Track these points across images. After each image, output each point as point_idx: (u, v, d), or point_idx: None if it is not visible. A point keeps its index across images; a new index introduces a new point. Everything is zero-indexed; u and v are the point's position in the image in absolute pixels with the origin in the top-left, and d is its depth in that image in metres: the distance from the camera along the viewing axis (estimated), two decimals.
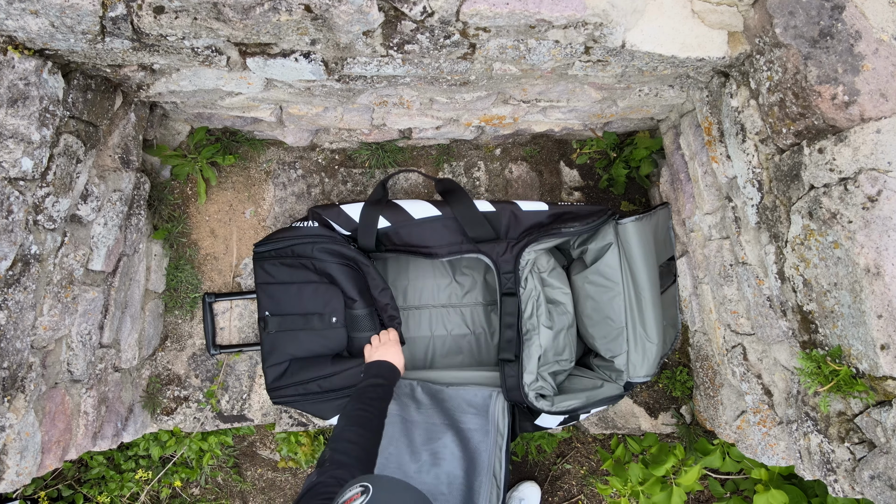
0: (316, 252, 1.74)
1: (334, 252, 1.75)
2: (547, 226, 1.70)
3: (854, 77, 1.14)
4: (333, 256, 1.75)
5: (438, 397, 1.77)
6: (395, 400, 1.77)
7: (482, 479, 1.69)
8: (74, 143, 1.42)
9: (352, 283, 1.76)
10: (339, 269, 1.75)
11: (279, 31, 1.23)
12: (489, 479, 1.69)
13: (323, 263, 1.75)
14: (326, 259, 1.74)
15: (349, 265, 1.77)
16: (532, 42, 1.31)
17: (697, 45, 1.33)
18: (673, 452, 1.81)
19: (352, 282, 1.76)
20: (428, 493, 1.73)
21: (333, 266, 1.75)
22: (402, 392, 1.79)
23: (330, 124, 1.90)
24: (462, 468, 1.71)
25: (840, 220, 1.16)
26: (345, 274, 1.76)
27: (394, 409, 1.76)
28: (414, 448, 1.73)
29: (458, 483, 1.70)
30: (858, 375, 1.20)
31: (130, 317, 1.86)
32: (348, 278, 1.76)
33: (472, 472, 1.71)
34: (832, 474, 1.33)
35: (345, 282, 1.76)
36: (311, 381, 1.76)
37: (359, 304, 1.76)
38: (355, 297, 1.76)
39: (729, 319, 1.73)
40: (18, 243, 1.27)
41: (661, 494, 1.76)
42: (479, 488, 1.69)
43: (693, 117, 1.75)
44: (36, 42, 1.23)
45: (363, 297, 1.76)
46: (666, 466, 1.77)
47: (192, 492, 2.51)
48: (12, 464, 1.38)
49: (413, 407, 1.77)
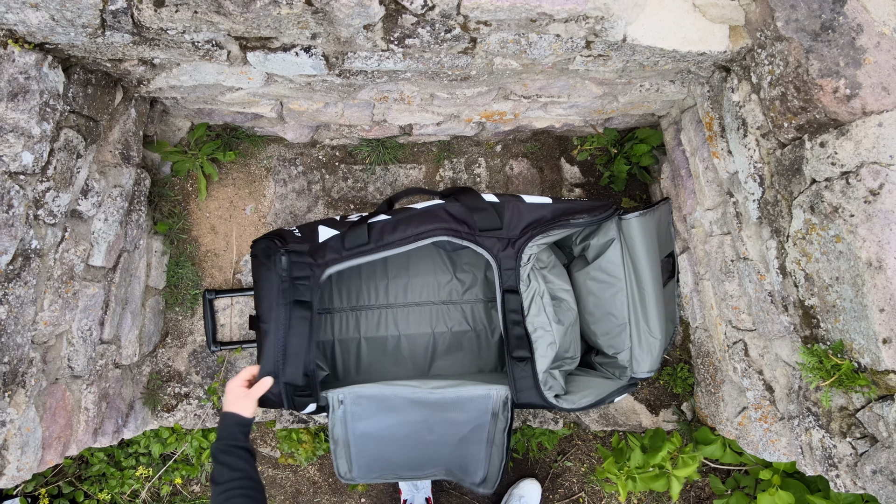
0: (257, 249, 1.66)
1: (266, 252, 1.63)
2: (550, 220, 1.68)
3: (856, 70, 1.13)
4: (265, 257, 1.64)
5: (421, 401, 1.69)
6: (367, 418, 1.69)
7: (482, 446, 1.69)
8: (75, 138, 1.42)
9: (266, 290, 1.63)
10: (262, 271, 1.64)
11: (280, 24, 1.22)
12: (489, 447, 1.68)
13: (259, 264, 1.65)
14: (261, 259, 1.64)
15: (273, 270, 1.63)
16: (533, 36, 1.31)
17: (699, 40, 1.33)
18: (669, 440, 1.80)
19: (267, 288, 1.63)
20: (419, 461, 1.73)
21: (261, 267, 1.64)
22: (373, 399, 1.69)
23: (330, 120, 1.90)
24: (454, 446, 1.70)
25: (842, 213, 1.15)
26: (264, 278, 1.63)
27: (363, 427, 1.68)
28: (398, 445, 1.72)
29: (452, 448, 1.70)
30: (860, 370, 1.20)
31: (131, 313, 1.86)
32: (265, 283, 1.63)
33: (471, 441, 1.70)
34: (834, 469, 1.33)
35: (261, 286, 1.63)
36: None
37: (265, 317, 1.63)
38: (260, 305, 1.64)
39: (730, 315, 1.73)
40: (19, 238, 1.27)
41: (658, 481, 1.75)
42: (479, 452, 1.69)
43: (694, 113, 1.75)
44: (36, 36, 1.22)
45: (270, 309, 1.63)
46: (662, 453, 1.76)
47: (192, 489, 2.51)
48: (13, 459, 1.38)
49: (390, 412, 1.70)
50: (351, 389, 1.64)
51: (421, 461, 1.76)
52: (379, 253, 1.64)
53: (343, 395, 1.64)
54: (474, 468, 1.76)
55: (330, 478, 2.53)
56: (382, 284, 2.04)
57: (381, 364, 2.04)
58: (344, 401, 1.64)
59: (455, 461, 1.77)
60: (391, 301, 2.05)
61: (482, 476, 1.76)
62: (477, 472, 1.76)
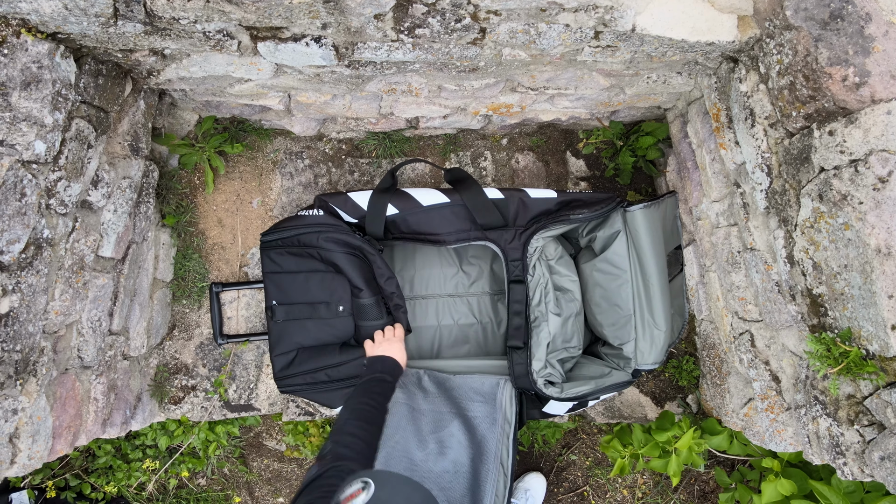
0: (321, 241, 1.74)
1: (339, 241, 1.74)
2: (555, 213, 1.70)
3: (865, 59, 1.14)
4: (339, 245, 1.74)
5: (445, 385, 1.78)
6: (401, 388, 1.77)
7: (489, 466, 1.69)
8: (86, 128, 1.42)
9: (357, 272, 1.75)
10: (345, 258, 1.75)
11: (291, 14, 1.23)
12: (496, 466, 1.69)
13: (328, 253, 1.75)
14: (332, 248, 1.74)
15: (355, 254, 1.76)
16: (542, 26, 1.32)
17: (707, 30, 1.33)
18: (678, 424, 1.82)
19: (357, 270, 1.76)
20: (434, 481, 1.73)
21: (339, 255, 1.74)
22: (409, 381, 1.79)
23: (338, 113, 1.91)
24: (469, 456, 1.71)
25: (851, 201, 1.16)
26: (350, 263, 1.75)
27: (400, 397, 1.76)
28: (421, 436, 1.73)
29: (465, 470, 1.70)
30: (868, 357, 1.21)
31: (139, 305, 1.86)
32: (354, 267, 1.76)
33: (479, 459, 1.71)
34: (841, 457, 1.34)
35: (350, 270, 1.75)
36: (318, 370, 1.77)
37: (365, 293, 1.76)
38: (361, 286, 1.75)
39: (736, 306, 1.73)
40: (31, 227, 1.28)
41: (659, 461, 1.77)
42: (485, 476, 1.69)
43: (701, 105, 1.76)
44: (49, 25, 1.23)
45: (369, 285, 1.76)
46: (668, 434, 1.78)
47: (198, 482, 2.52)
48: (24, 447, 1.39)
49: (420, 395, 1.77)
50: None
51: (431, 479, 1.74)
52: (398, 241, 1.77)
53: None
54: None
55: None
56: None
57: None
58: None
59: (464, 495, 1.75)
60: None
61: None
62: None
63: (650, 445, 1.83)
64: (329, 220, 1.76)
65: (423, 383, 1.79)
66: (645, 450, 1.84)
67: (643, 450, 1.83)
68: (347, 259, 1.75)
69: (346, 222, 1.79)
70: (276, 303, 1.80)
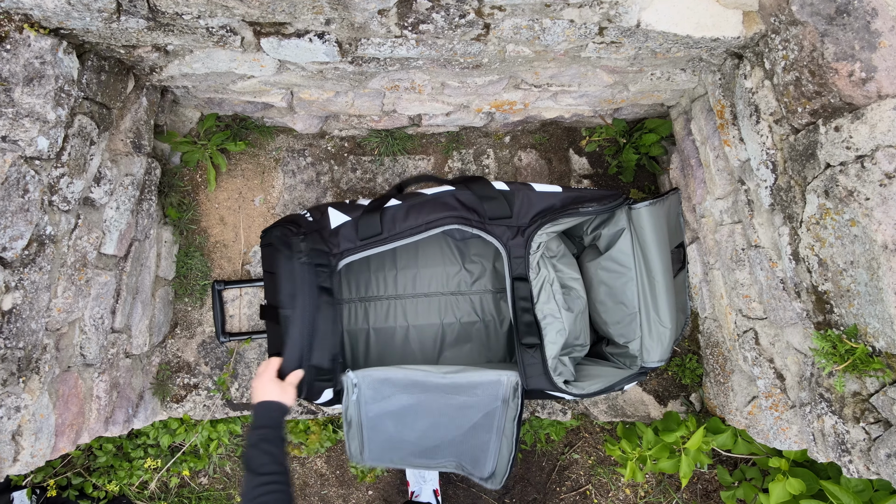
0: (273, 238, 1.64)
1: (284, 241, 1.61)
2: (560, 209, 1.68)
3: (871, 54, 1.13)
4: (283, 245, 1.61)
5: (432, 383, 1.69)
6: (380, 400, 1.68)
7: (492, 435, 1.69)
8: (88, 125, 1.42)
9: (286, 278, 1.60)
10: (281, 259, 1.61)
11: (295, 9, 1.23)
12: (498, 436, 1.69)
13: (276, 251, 1.63)
14: (278, 247, 1.62)
15: (291, 258, 1.61)
16: (547, 22, 1.31)
17: (712, 25, 1.33)
18: (685, 423, 1.81)
19: (286, 276, 1.60)
20: (430, 447, 1.73)
21: (279, 255, 1.62)
22: (385, 382, 1.68)
23: (340, 110, 1.90)
24: (466, 431, 1.71)
25: (857, 197, 1.15)
26: (283, 266, 1.60)
27: (391, 405, 1.69)
28: (411, 426, 1.73)
29: (465, 443, 1.71)
30: (875, 354, 1.20)
31: (141, 303, 1.86)
32: (284, 271, 1.60)
33: (481, 435, 1.70)
34: (847, 455, 1.33)
35: (279, 273, 1.61)
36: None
37: (284, 303, 1.60)
38: (279, 293, 1.60)
39: (741, 304, 1.73)
40: (34, 223, 1.27)
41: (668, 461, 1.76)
42: (490, 443, 1.69)
43: (705, 101, 1.75)
44: (52, 21, 1.23)
45: (290, 296, 1.60)
46: (676, 434, 1.77)
47: (200, 481, 2.52)
48: (27, 445, 1.38)
49: (401, 394, 1.71)
50: (365, 373, 1.64)
51: (432, 448, 1.76)
52: (391, 243, 1.64)
53: (357, 378, 1.64)
54: (483, 460, 1.76)
55: (337, 470, 2.54)
56: (391, 275, 2.05)
57: (389, 355, 2.04)
58: (358, 384, 1.65)
59: (465, 452, 1.77)
60: (400, 292, 2.05)
61: (491, 470, 1.76)
62: (486, 465, 1.77)
63: (659, 447, 1.82)
64: (298, 220, 1.67)
65: (399, 383, 1.69)
66: (654, 451, 1.83)
67: (652, 451, 1.83)
68: (281, 260, 1.62)
69: (335, 227, 1.66)
70: (267, 302, 1.79)
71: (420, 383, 1.67)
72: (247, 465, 1.30)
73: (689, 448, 1.77)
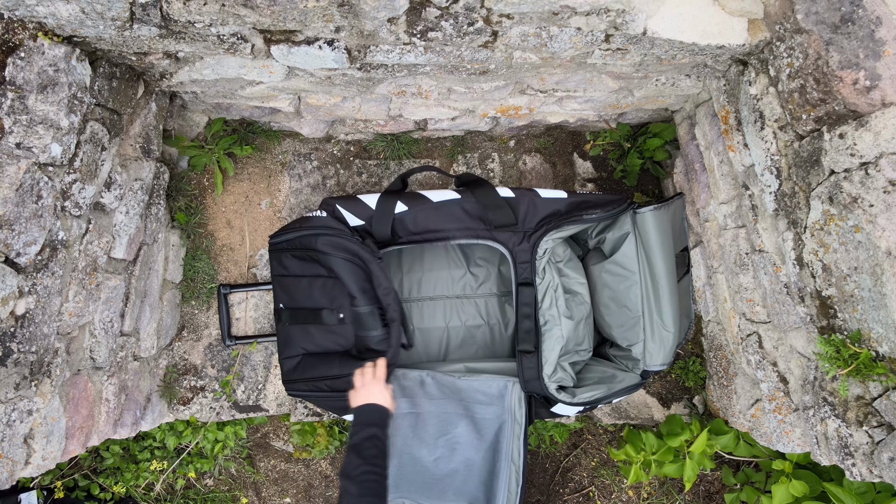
0: (319, 244, 1.69)
1: (337, 245, 1.68)
2: (565, 214, 1.70)
3: (875, 62, 1.15)
4: (336, 249, 1.68)
5: (452, 387, 1.76)
6: (404, 396, 1.74)
7: (501, 465, 1.71)
8: (100, 131, 1.43)
9: (352, 279, 1.69)
10: (342, 262, 1.69)
11: (305, 17, 1.24)
12: (507, 464, 1.70)
13: (325, 257, 1.69)
14: (329, 251, 1.68)
15: (352, 260, 1.70)
16: (554, 29, 1.33)
17: (718, 33, 1.34)
18: (688, 427, 1.82)
19: (352, 277, 1.69)
20: (447, 482, 1.74)
21: (335, 259, 1.69)
22: (413, 383, 1.77)
23: (347, 115, 1.92)
24: (480, 455, 1.72)
25: (861, 204, 1.17)
26: (346, 268, 1.69)
27: (403, 406, 1.74)
28: (428, 440, 1.74)
29: (477, 468, 1.72)
30: (878, 358, 1.21)
31: (149, 306, 1.87)
32: (349, 273, 1.69)
33: (491, 458, 1.72)
34: (850, 458, 1.35)
35: (346, 276, 1.69)
36: (319, 380, 1.74)
37: (360, 301, 1.70)
38: (356, 293, 1.69)
39: (744, 308, 1.74)
40: (47, 229, 1.29)
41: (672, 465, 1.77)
42: (498, 474, 1.70)
43: (709, 107, 1.77)
44: (65, 29, 1.24)
45: (365, 294, 1.70)
46: (680, 438, 1.78)
47: (206, 482, 2.53)
48: (38, 448, 1.40)
49: (425, 399, 1.75)
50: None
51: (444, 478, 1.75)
52: (403, 245, 1.72)
53: None
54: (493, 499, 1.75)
55: None
56: (397, 279, 2.06)
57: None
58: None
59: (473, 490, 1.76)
60: (405, 295, 2.06)
61: None
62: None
63: (663, 451, 1.83)
64: (329, 223, 1.71)
65: (426, 386, 1.77)
66: (658, 455, 1.84)
67: (656, 455, 1.84)
68: (344, 264, 1.69)
69: (352, 227, 1.74)
70: (282, 306, 1.80)
71: (438, 381, 1.74)
72: (357, 451, 1.40)
73: (693, 452, 1.78)
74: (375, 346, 1.69)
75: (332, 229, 1.68)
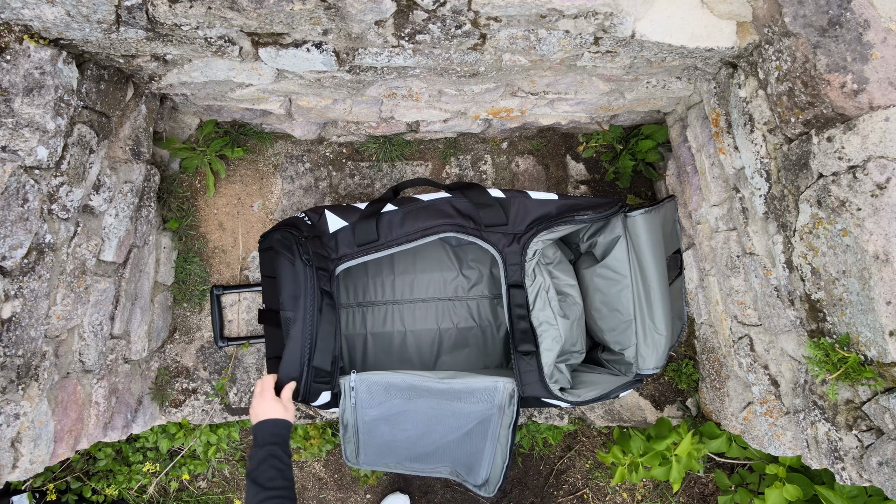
0: (274, 243, 1.63)
1: (285, 244, 1.61)
2: (556, 216, 1.69)
3: (863, 66, 1.14)
4: (283, 248, 1.61)
5: (434, 389, 1.70)
6: (385, 401, 1.69)
7: (487, 443, 1.71)
8: (88, 134, 1.43)
9: (288, 281, 1.59)
10: (284, 263, 1.60)
11: (292, 20, 1.24)
12: (493, 443, 1.70)
13: (277, 255, 1.62)
14: (279, 251, 1.62)
15: (292, 262, 1.60)
16: (542, 32, 1.33)
17: (706, 36, 1.34)
18: (676, 430, 1.82)
19: (289, 280, 1.60)
20: (430, 452, 1.75)
21: (281, 259, 1.61)
22: (391, 386, 1.69)
23: (338, 117, 1.91)
24: (466, 439, 1.72)
25: (849, 207, 1.17)
26: (285, 271, 1.60)
27: (378, 413, 1.70)
28: (410, 432, 1.74)
29: (462, 447, 1.73)
30: (867, 363, 1.21)
31: (140, 308, 1.87)
32: (287, 276, 1.60)
33: (477, 439, 1.72)
34: (840, 462, 1.34)
35: (282, 278, 1.60)
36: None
37: (286, 305, 1.60)
38: (284, 297, 1.60)
39: (736, 311, 1.74)
40: (33, 232, 1.28)
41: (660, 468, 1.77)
42: (484, 448, 1.71)
43: (700, 109, 1.76)
44: (51, 31, 1.24)
45: (293, 300, 1.60)
46: (667, 441, 1.78)
47: (199, 485, 2.52)
48: (26, 451, 1.39)
49: (401, 398, 1.70)
50: (363, 376, 1.66)
51: (427, 453, 1.77)
52: (388, 249, 1.66)
53: (354, 381, 1.66)
54: (477, 468, 1.77)
55: (335, 474, 2.55)
56: (389, 280, 2.06)
57: (386, 360, 2.05)
58: (356, 387, 1.66)
59: (460, 459, 1.78)
60: (397, 297, 2.06)
61: (484, 477, 1.78)
62: (480, 473, 1.78)
63: (651, 455, 1.83)
64: (296, 223, 1.66)
65: (405, 389, 1.70)
66: (645, 458, 1.84)
67: (643, 458, 1.84)
68: (284, 265, 1.61)
69: (332, 231, 1.68)
70: (265, 306, 1.80)
71: (417, 388, 1.68)
72: (254, 479, 1.32)
73: (679, 455, 1.78)
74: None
75: (292, 228, 1.63)
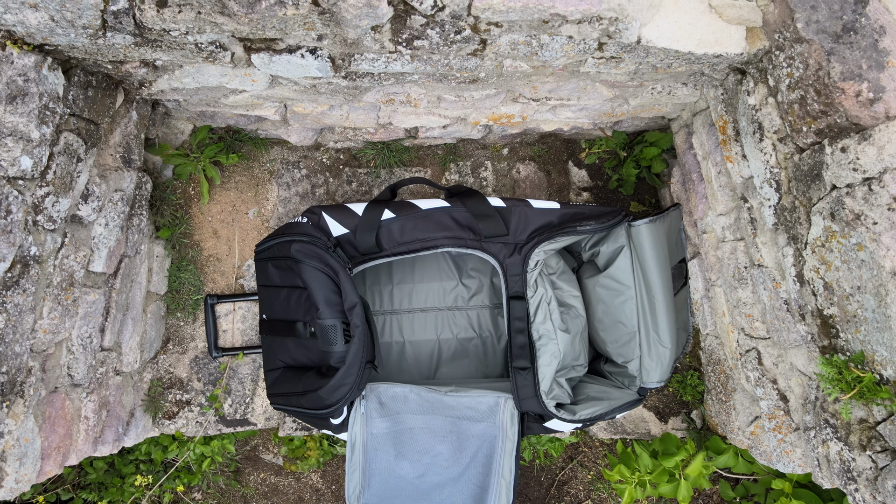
0: (293, 251, 1.58)
1: (309, 253, 1.58)
2: (558, 226, 1.65)
3: (879, 73, 1.10)
4: (308, 258, 1.58)
5: (438, 404, 1.68)
6: (386, 415, 1.65)
7: (491, 479, 1.66)
8: (75, 142, 1.39)
9: (320, 289, 1.57)
10: (312, 272, 1.58)
11: (285, 25, 1.19)
12: (497, 480, 1.66)
13: (298, 265, 1.59)
14: (302, 260, 1.58)
15: (322, 270, 1.58)
16: (545, 38, 1.28)
17: (715, 41, 1.29)
18: (684, 447, 1.77)
19: (320, 287, 1.57)
20: (432, 491, 1.70)
21: (307, 268, 1.58)
22: (396, 399, 1.67)
23: (335, 123, 1.87)
24: (468, 471, 1.68)
25: (864, 221, 1.12)
26: (316, 278, 1.57)
27: (384, 426, 1.66)
28: (412, 458, 1.69)
29: (465, 484, 1.68)
30: (882, 382, 1.16)
31: (132, 319, 1.82)
32: (318, 283, 1.57)
33: (480, 473, 1.67)
34: (853, 483, 1.30)
35: (314, 286, 1.57)
36: (292, 395, 1.65)
37: (324, 314, 1.57)
38: (320, 305, 1.57)
39: (743, 323, 1.69)
40: (17, 244, 1.24)
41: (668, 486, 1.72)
42: (488, 487, 1.66)
43: (706, 116, 1.72)
44: (35, 37, 1.19)
45: (331, 307, 1.58)
46: (676, 459, 1.73)
47: (194, 496, 2.48)
48: (11, 471, 1.35)
49: (408, 413, 1.67)
50: (371, 386, 1.63)
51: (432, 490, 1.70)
52: (388, 258, 1.64)
53: (365, 390, 1.62)
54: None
55: (333, 485, 2.50)
56: (387, 290, 2.01)
57: (385, 370, 2.00)
58: (366, 395, 1.63)
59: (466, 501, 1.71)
60: (396, 307, 2.02)
61: None
62: None
63: (658, 472, 1.78)
64: (308, 230, 1.63)
65: (410, 402, 1.69)
66: (653, 476, 1.79)
67: (651, 476, 1.79)
68: (313, 273, 1.58)
69: (335, 236, 1.66)
70: (265, 317, 1.76)
71: (423, 398, 1.65)
72: None
73: (688, 473, 1.73)
74: (335, 363, 1.57)
75: (308, 236, 1.60)
